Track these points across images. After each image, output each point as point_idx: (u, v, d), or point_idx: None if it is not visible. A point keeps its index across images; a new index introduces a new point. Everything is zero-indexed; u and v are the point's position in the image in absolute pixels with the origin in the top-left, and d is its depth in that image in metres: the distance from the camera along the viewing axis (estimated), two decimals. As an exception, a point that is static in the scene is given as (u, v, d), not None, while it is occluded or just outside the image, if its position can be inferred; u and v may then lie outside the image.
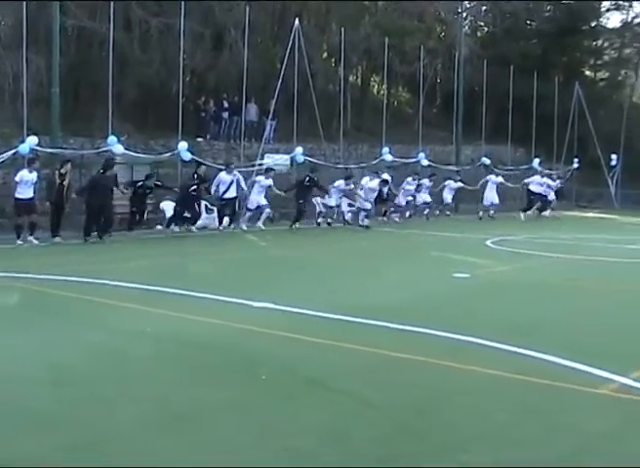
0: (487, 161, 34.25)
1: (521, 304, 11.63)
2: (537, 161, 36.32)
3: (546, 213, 31.47)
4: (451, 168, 32.62)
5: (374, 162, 29.41)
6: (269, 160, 26.95)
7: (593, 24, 51.56)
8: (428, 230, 24.72)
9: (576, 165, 38.54)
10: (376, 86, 42.80)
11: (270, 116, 29.47)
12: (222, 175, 22.79)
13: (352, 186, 25.29)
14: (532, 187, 31.49)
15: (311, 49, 31.06)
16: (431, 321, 9.61)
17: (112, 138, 22.36)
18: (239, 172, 23.44)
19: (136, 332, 8.91)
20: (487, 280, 14.36)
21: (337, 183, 25.42)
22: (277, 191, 24.06)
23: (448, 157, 34.90)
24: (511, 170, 35.02)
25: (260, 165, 25.40)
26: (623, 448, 5.61)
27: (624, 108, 43.33)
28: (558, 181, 33.54)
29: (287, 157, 27.73)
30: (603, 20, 52.72)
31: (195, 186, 21.90)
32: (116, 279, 12.53)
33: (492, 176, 31.26)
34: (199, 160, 23.88)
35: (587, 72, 52.00)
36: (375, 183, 25.87)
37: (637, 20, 53.01)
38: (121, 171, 22.21)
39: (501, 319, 10.28)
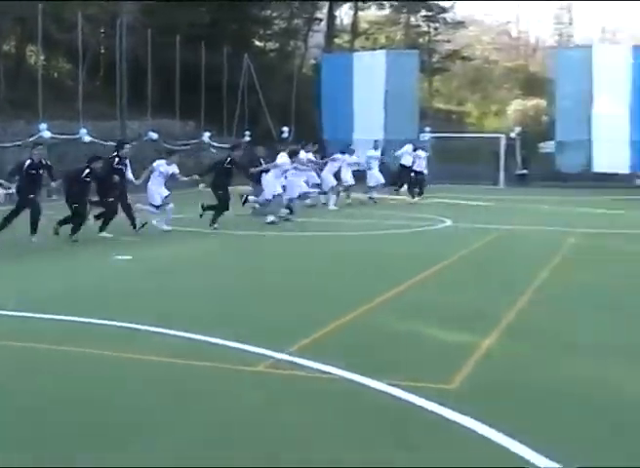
0: (154, 136, 34.40)
1: (181, 286, 11.85)
2: (207, 134, 37.05)
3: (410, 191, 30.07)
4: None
5: (30, 139, 28.57)
6: None
7: (262, -7, 53.23)
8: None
9: (247, 138, 39.71)
10: (33, 56, 41.43)
11: None
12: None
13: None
14: (404, 160, 30.21)
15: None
16: (81, 308, 9.62)
17: None
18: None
19: None
20: (151, 262, 14.56)
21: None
22: (185, 178, 19.97)
23: (113, 132, 34.53)
24: (183, 144, 35.42)
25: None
26: (274, 423, 5.95)
27: (294, 80, 45.19)
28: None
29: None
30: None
31: (88, 170, 17.05)
32: None
33: (345, 157, 27.45)
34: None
35: (257, 42, 53.63)
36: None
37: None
38: None
39: (159, 302, 10.46)
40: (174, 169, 19.17)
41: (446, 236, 19.02)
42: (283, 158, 21.25)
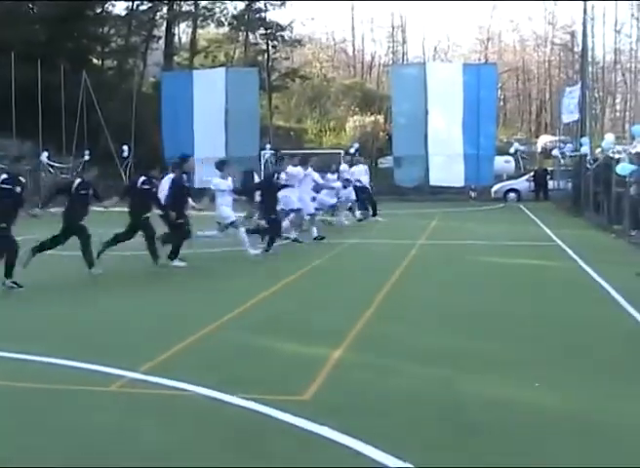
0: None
1: (26, 307, 11.61)
2: (44, 154, 36.20)
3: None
4: None
5: None
6: None
7: (99, 10, 52.48)
8: None
9: (87, 157, 38.90)
10: None
11: None
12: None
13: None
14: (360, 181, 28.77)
15: None
16: None
17: None
18: None
19: None
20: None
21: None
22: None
23: (-54, 153, 33.40)
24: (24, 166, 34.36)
25: None
26: (132, 440, 5.96)
27: (134, 98, 44.71)
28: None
29: None
30: (108, 7, 53.97)
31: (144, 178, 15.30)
32: None
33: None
34: None
35: (95, 60, 52.80)
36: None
37: (142, 8, 55.19)
38: None
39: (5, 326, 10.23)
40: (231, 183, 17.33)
41: (290, 252, 19.18)
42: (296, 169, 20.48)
